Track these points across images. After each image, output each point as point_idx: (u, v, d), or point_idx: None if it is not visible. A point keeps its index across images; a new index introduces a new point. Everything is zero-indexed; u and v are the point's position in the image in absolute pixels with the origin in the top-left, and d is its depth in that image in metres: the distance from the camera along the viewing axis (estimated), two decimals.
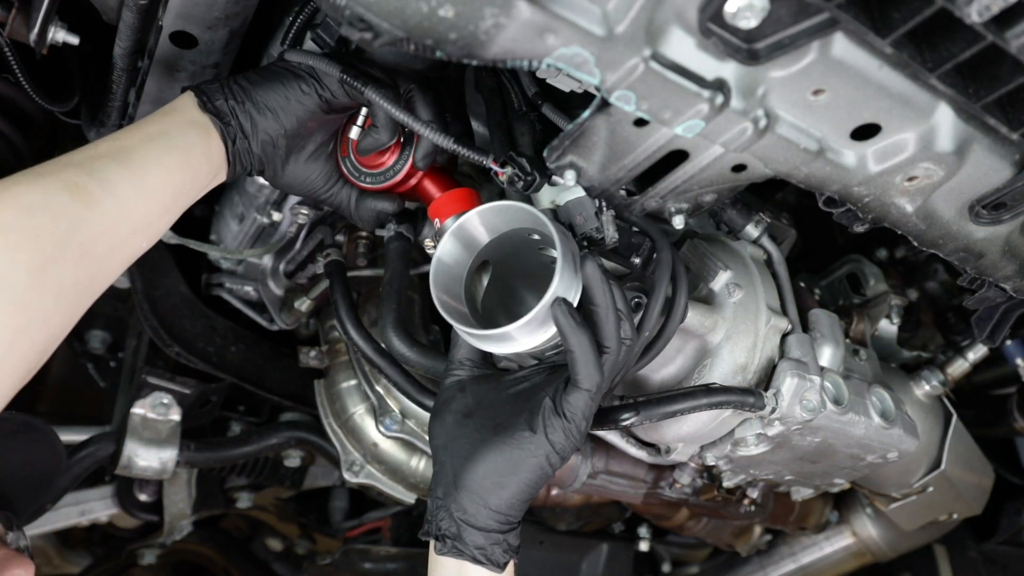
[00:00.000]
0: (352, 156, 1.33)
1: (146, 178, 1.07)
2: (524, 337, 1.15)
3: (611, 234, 1.25)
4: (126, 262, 1.09)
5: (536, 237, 1.24)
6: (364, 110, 1.28)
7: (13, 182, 0.98)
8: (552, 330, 1.14)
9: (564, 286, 1.12)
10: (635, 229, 1.31)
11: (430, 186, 1.35)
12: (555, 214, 1.28)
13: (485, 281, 1.30)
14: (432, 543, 1.18)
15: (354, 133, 1.29)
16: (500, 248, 1.26)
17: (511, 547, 1.17)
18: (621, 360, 1.17)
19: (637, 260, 1.31)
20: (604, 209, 1.24)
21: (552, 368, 1.23)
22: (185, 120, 1.16)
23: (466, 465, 1.16)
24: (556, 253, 1.12)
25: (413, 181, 1.34)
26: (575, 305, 1.13)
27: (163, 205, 1.10)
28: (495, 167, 1.19)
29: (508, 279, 1.33)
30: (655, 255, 1.30)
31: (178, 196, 1.13)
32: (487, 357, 1.30)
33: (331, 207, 1.38)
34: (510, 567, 1.19)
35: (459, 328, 1.19)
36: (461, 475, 1.16)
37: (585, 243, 1.26)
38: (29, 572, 1.18)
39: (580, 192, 1.24)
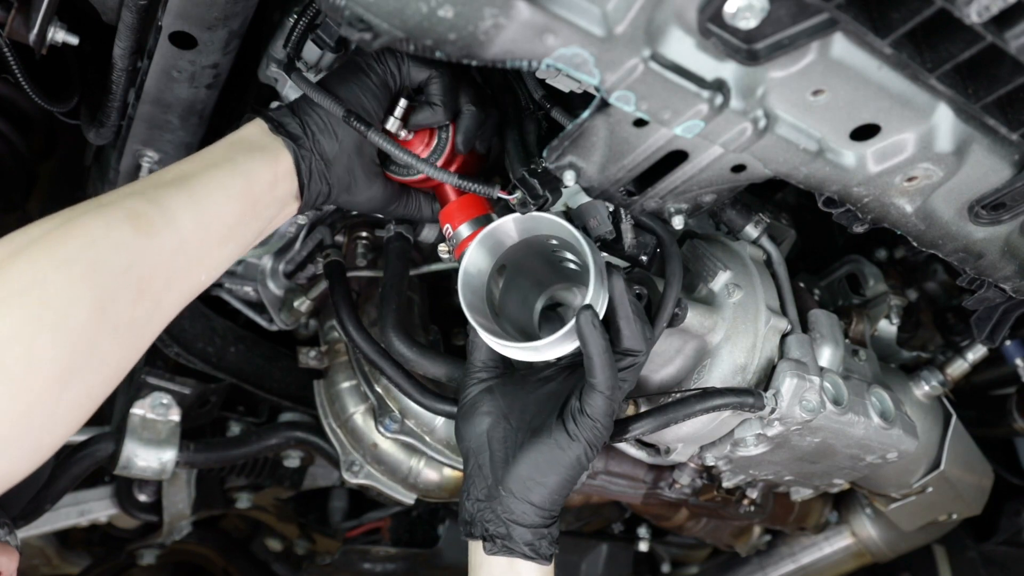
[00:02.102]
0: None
1: (206, 205, 1.05)
2: (554, 348, 1.20)
3: (630, 240, 1.28)
4: (184, 297, 1.06)
5: (554, 241, 1.25)
6: (403, 101, 1.27)
7: (78, 212, 0.95)
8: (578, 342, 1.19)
9: (593, 299, 1.17)
10: (639, 226, 1.32)
11: (448, 189, 1.35)
12: (567, 217, 1.29)
13: (501, 283, 1.31)
14: (480, 544, 1.22)
15: (391, 124, 1.26)
16: (517, 251, 1.27)
17: (554, 539, 1.23)
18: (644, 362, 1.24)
19: (644, 258, 1.32)
20: (624, 217, 1.26)
21: (571, 366, 1.28)
22: (251, 145, 1.13)
23: (508, 468, 1.21)
24: (588, 268, 1.16)
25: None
26: (601, 315, 1.18)
27: (221, 234, 1.07)
28: (504, 196, 1.20)
29: (520, 277, 1.34)
30: (658, 251, 1.32)
31: (237, 224, 1.10)
32: (506, 358, 1.32)
33: (406, 217, 1.39)
34: (552, 560, 1.24)
35: (493, 341, 1.23)
36: (504, 478, 1.21)
37: (598, 245, 1.28)
38: (13, 561, 1.17)
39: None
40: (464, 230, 1.30)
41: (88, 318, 0.89)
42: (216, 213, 1.06)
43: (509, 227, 1.24)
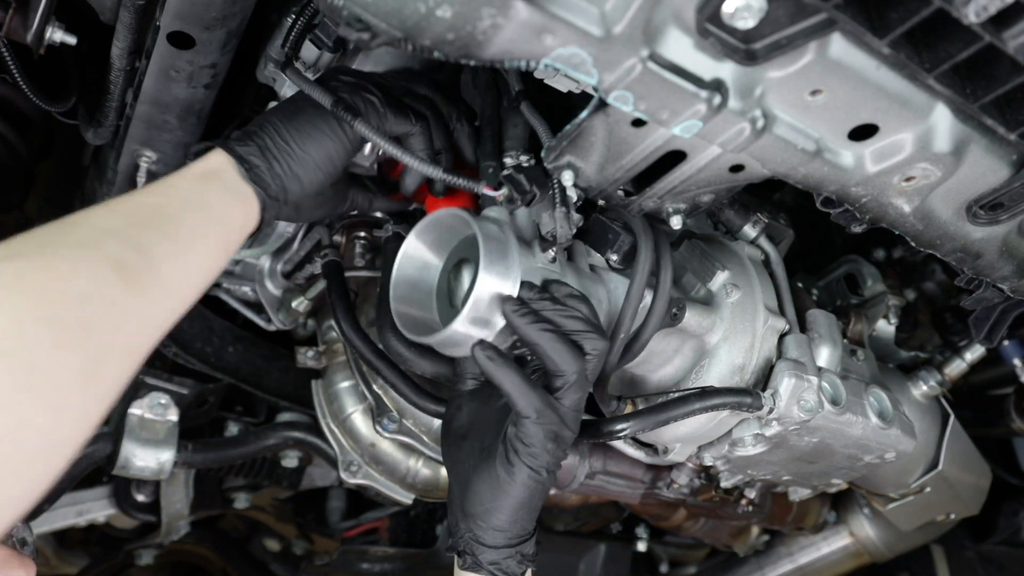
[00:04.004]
0: None
1: (189, 256, 0.97)
2: (466, 338, 1.17)
3: (564, 232, 1.22)
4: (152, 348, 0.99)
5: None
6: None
7: (54, 253, 0.84)
8: (492, 329, 1.17)
9: (491, 285, 1.14)
10: (615, 224, 1.30)
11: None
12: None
13: (466, 280, 1.28)
14: (455, 557, 1.23)
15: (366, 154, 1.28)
16: (471, 244, 1.25)
17: (525, 557, 1.21)
18: (592, 370, 1.19)
19: (614, 256, 1.29)
20: (558, 205, 1.22)
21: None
22: (227, 189, 1.08)
23: (465, 492, 1.20)
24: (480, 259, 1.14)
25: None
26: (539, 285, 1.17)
27: (198, 285, 1.00)
28: (490, 192, 1.19)
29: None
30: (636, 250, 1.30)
31: (211, 273, 1.03)
32: (480, 374, 1.33)
33: (346, 213, 1.37)
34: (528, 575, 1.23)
35: (408, 336, 1.23)
36: (463, 501, 1.20)
37: (551, 239, 1.24)
38: (30, 573, 1.15)
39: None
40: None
41: (78, 385, 0.81)
42: (197, 264, 0.99)
43: (416, 240, 1.26)
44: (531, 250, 1.23)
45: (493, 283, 1.14)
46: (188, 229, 0.99)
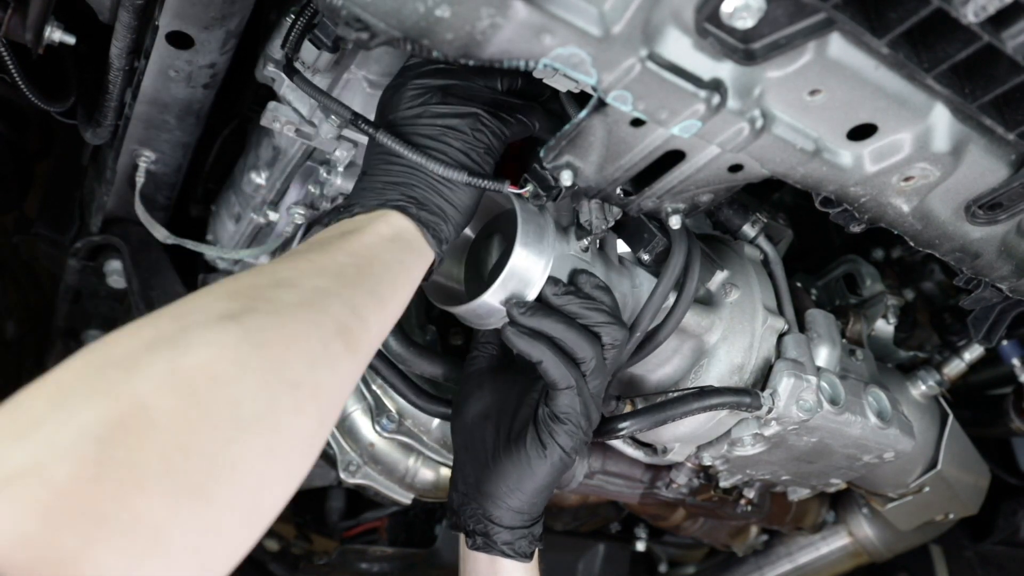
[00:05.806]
0: None
1: (388, 313, 0.99)
2: (494, 311, 1.19)
3: (598, 224, 1.25)
4: None
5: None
6: None
7: (288, 316, 0.83)
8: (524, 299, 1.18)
9: (525, 262, 1.16)
10: (652, 224, 1.30)
11: None
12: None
13: (496, 253, 1.30)
14: (462, 538, 1.24)
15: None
16: (507, 220, 1.26)
17: (536, 538, 1.24)
18: (612, 360, 1.21)
19: (646, 256, 1.30)
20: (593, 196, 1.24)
21: None
22: (415, 251, 1.08)
23: (485, 473, 1.22)
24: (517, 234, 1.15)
25: None
26: (541, 284, 1.17)
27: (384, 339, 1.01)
28: (515, 190, 1.19)
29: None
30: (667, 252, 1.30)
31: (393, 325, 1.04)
32: (501, 353, 1.33)
33: None
34: (536, 555, 1.25)
35: (436, 303, 1.24)
36: (482, 481, 1.22)
37: (588, 227, 1.26)
38: None
39: None
40: None
41: (307, 448, 0.83)
42: (391, 320, 1.01)
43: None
44: (566, 236, 1.25)
45: (526, 260, 1.16)
46: (389, 289, 0.99)
